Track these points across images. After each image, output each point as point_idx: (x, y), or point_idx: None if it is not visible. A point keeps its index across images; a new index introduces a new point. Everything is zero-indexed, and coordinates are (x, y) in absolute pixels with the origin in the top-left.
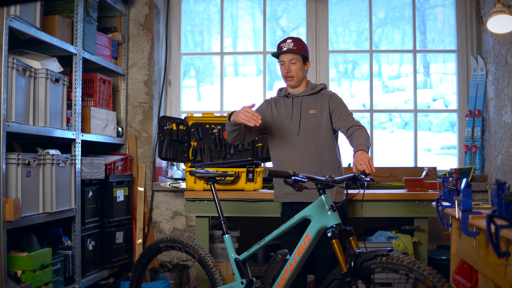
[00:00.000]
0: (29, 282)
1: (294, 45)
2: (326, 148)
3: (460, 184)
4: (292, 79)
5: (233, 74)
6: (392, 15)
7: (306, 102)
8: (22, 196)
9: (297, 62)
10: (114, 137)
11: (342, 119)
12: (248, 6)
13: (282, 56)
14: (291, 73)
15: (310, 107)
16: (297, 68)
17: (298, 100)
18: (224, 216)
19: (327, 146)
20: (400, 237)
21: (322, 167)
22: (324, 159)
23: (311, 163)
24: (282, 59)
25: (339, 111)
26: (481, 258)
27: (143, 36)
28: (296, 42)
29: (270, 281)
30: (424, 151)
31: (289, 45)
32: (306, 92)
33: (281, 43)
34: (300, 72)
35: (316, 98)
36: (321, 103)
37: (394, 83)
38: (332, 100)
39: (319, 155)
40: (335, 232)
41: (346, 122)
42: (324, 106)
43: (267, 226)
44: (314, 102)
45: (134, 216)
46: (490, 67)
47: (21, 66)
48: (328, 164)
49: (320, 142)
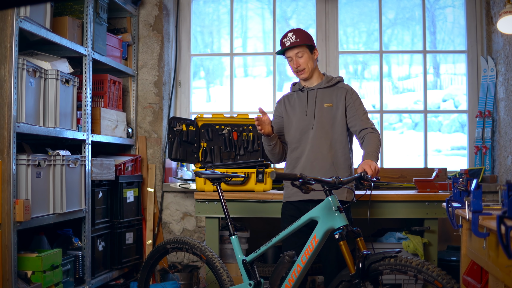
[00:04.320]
0: (39, 283)
1: (296, 38)
2: (340, 144)
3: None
4: (304, 72)
5: (243, 75)
6: (402, 15)
7: (322, 95)
8: (32, 197)
9: (304, 53)
10: (124, 138)
11: (357, 117)
12: (257, 7)
13: (288, 52)
14: (301, 66)
15: (326, 100)
16: (306, 60)
17: (313, 93)
18: (234, 217)
19: (340, 142)
20: (410, 238)
21: (335, 162)
22: (337, 155)
23: (323, 158)
24: (288, 55)
25: (355, 108)
26: (491, 259)
27: (153, 37)
28: (297, 34)
29: (278, 282)
30: (434, 152)
31: (291, 39)
32: (322, 85)
33: (283, 39)
34: (310, 62)
35: (332, 91)
36: (337, 97)
37: (404, 83)
38: (349, 95)
39: (332, 150)
40: (343, 234)
41: (360, 122)
42: (340, 100)
43: (277, 227)
44: (329, 96)
45: (144, 217)
46: (500, 68)
47: (31, 67)
48: (341, 160)
49: (334, 138)
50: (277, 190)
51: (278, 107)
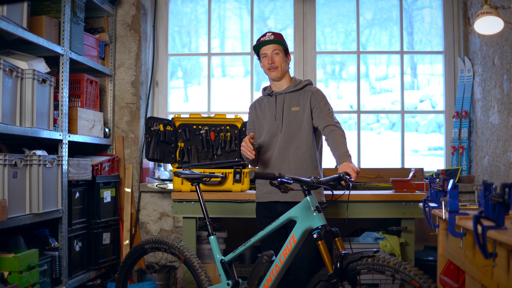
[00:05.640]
0: (16, 283)
1: (275, 37)
2: (306, 147)
3: (447, 185)
4: (276, 70)
5: (221, 75)
6: (379, 16)
7: (289, 99)
8: (9, 197)
9: (280, 53)
10: (101, 137)
11: (321, 116)
12: (235, 7)
13: (264, 48)
14: (275, 64)
15: (293, 104)
16: (280, 59)
17: (281, 97)
18: (212, 217)
19: (307, 144)
20: (387, 238)
21: (300, 166)
22: (304, 158)
23: (288, 161)
24: (265, 51)
25: (320, 108)
26: (468, 259)
27: (130, 36)
28: (276, 35)
29: (256, 282)
30: (411, 152)
31: (269, 37)
32: (289, 89)
33: (261, 37)
34: (284, 63)
35: (299, 95)
36: (304, 100)
37: (382, 84)
38: (314, 96)
39: (298, 153)
40: (321, 233)
41: (323, 119)
42: (306, 103)
43: (254, 227)
44: (297, 99)
45: (121, 217)
46: (477, 69)
47: (8, 67)
48: (308, 162)
49: (301, 140)
50: (254, 191)
51: (250, 113)
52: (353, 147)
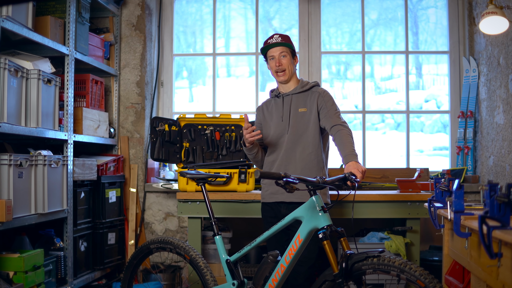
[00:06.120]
0: (21, 283)
1: (282, 39)
2: (313, 147)
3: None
4: (284, 73)
5: (226, 75)
6: (384, 16)
7: (296, 100)
8: (14, 197)
9: (287, 55)
10: (106, 138)
11: (328, 116)
12: (240, 7)
13: (271, 50)
14: (283, 66)
15: (300, 105)
16: (288, 62)
17: (288, 99)
18: (216, 217)
19: (314, 145)
20: (393, 238)
21: (306, 167)
22: (310, 159)
23: (294, 162)
24: (272, 53)
25: (327, 108)
26: (473, 259)
27: (135, 37)
28: (283, 37)
29: (261, 282)
30: (416, 152)
31: (277, 39)
32: (296, 90)
33: (268, 40)
34: (291, 66)
35: (306, 96)
36: (311, 101)
37: (387, 84)
38: (321, 97)
39: (304, 154)
40: (326, 233)
41: (330, 119)
42: (313, 104)
43: (259, 227)
44: (304, 100)
45: (126, 217)
46: (482, 68)
47: (13, 67)
48: (314, 163)
49: (307, 141)
50: (259, 191)
51: (257, 115)
52: (358, 147)
